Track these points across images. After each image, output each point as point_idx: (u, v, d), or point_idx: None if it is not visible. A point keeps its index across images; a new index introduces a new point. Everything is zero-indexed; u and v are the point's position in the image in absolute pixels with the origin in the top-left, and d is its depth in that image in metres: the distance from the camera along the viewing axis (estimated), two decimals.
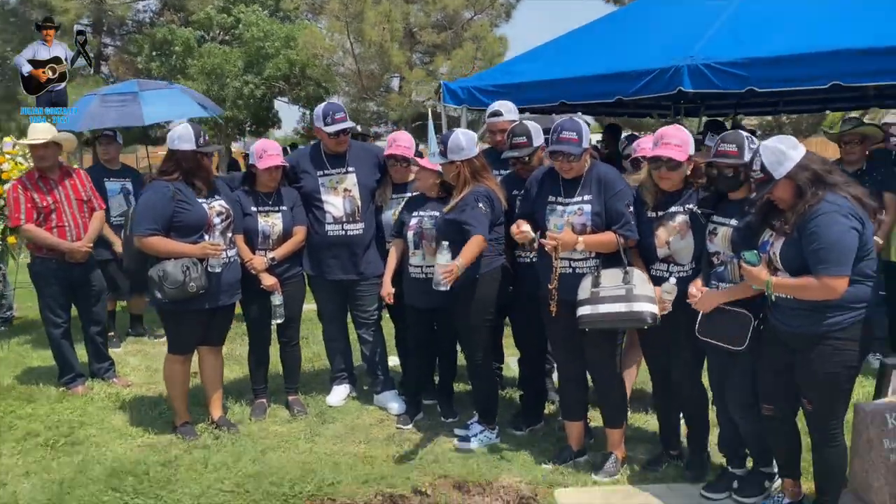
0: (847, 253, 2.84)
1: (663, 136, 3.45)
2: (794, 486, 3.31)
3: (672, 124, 3.61)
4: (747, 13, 5.96)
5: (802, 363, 3.05)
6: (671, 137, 3.43)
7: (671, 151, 3.41)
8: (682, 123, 6.07)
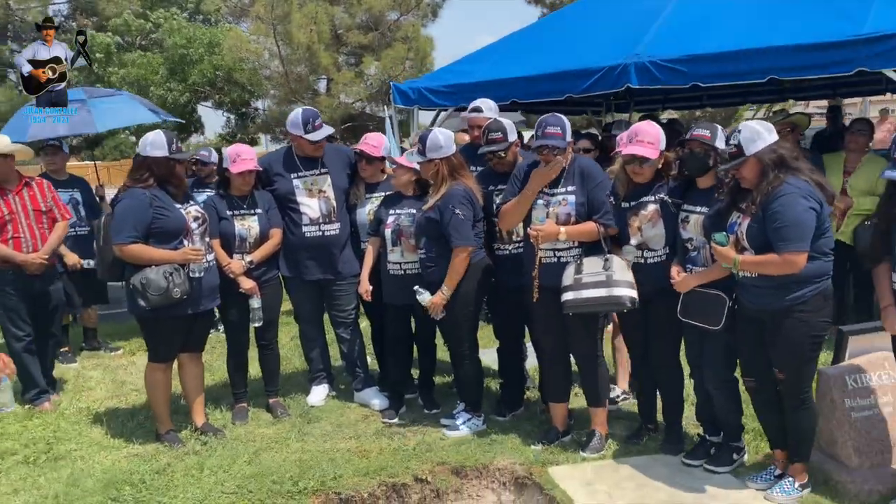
0: (806, 231, 3.13)
1: (637, 133, 3.68)
2: (784, 457, 3.56)
3: (644, 120, 3.85)
4: (685, 12, 6.34)
5: (771, 336, 3.34)
6: (645, 135, 3.67)
7: (645, 150, 3.64)
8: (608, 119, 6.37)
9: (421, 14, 17.57)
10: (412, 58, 16.45)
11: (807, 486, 3.43)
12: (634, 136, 3.67)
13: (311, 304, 4.95)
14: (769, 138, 3.25)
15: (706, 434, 3.92)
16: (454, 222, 4.05)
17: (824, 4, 5.61)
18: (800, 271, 3.16)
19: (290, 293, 4.96)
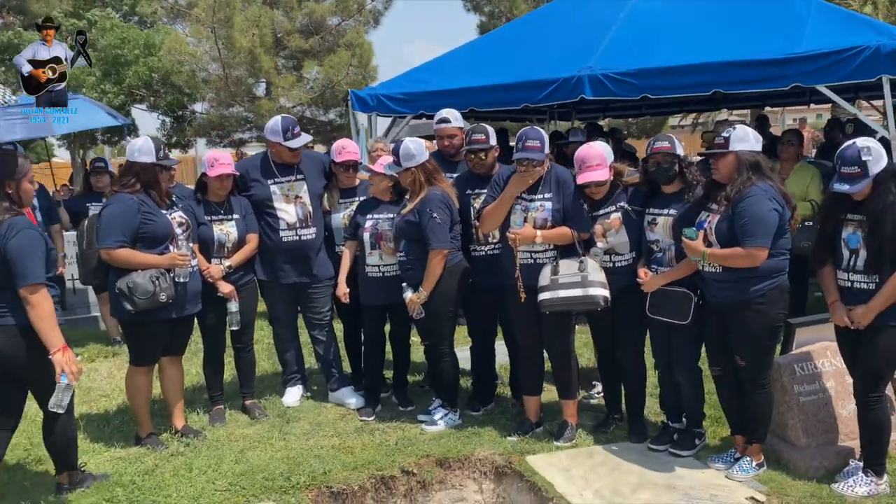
0: (769, 228, 3.49)
1: (584, 160, 3.97)
2: (744, 441, 3.91)
3: (586, 144, 4.15)
4: (633, 27, 6.70)
5: (733, 326, 3.68)
6: (591, 159, 3.96)
7: (596, 173, 3.95)
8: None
9: (363, 20, 17.65)
10: (355, 63, 16.54)
11: (762, 466, 3.77)
12: (583, 164, 3.97)
13: (285, 307, 5.06)
14: (754, 144, 3.61)
15: (669, 421, 4.24)
16: (431, 225, 4.26)
17: (763, 22, 6.07)
18: (760, 266, 3.50)
19: (266, 296, 5.06)
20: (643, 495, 3.64)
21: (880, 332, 3.37)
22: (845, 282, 3.45)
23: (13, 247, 3.33)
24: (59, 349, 3.34)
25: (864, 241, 3.33)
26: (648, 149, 3.95)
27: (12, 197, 3.46)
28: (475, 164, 4.47)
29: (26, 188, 3.62)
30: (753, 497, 3.56)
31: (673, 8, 6.82)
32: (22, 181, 3.58)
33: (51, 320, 3.36)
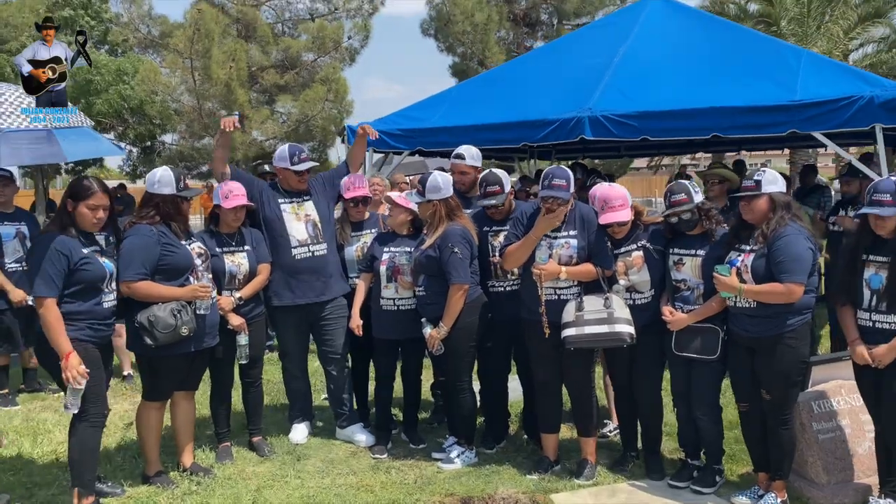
0: (806, 265, 3.60)
1: (608, 201, 4.08)
2: (767, 478, 3.94)
3: (607, 184, 4.24)
4: (627, 71, 6.86)
5: (763, 361, 3.75)
6: (614, 199, 4.08)
7: (619, 215, 4.06)
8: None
9: (339, 57, 17.77)
10: (331, 98, 16.61)
11: (787, 503, 3.81)
12: (605, 204, 4.07)
13: (297, 340, 4.98)
14: (781, 185, 3.73)
15: (688, 458, 4.27)
16: (453, 260, 4.27)
17: (755, 70, 6.30)
18: (797, 301, 3.60)
19: (277, 328, 4.99)
20: None
21: None
22: (867, 321, 3.55)
23: (29, 261, 3.78)
24: (65, 355, 3.58)
25: (887, 281, 3.43)
26: (667, 201, 4.04)
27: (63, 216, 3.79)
28: (493, 214, 4.53)
29: (82, 212, 3.79)
30: None
31: (665, 54, 7.03)
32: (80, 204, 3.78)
33: (55, 329, 3.58)
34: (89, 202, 3.80)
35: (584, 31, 8.48)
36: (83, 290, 3.72)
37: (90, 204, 3.80)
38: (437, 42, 20.18)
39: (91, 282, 3.74)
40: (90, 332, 3.74)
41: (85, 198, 3.79)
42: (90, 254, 3.77)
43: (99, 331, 3.80)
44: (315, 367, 5.63)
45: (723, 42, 7.08)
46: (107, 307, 3.84)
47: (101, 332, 3.81)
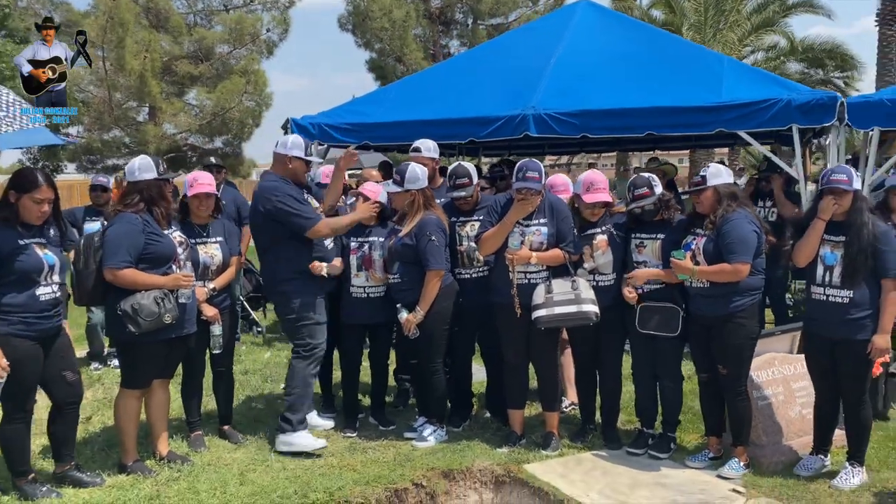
0: (750, 247, 4.04)
1: (593, 183, 4.45)
2: (717, 442, 4.40)
3: (591, 170, 4.60)
4: (566, 71, 7.24)
5: (716, 338, 4.18)
6: (599, 182, 4.46)
7: (604, 196, 4.43)
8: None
9: (257, 49, 17.52)
10: (251, 91, 16.38)
11: (749, 466, 4.25)
12: (592, 185, 4.42)
13: None
14: (727, 178, 4.15)
15: (644, 427, 4.66)
16: (430, 248, 4.50)
17: (683, 73, 6.83)
18: (741, 282, 4.03)
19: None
20: (642, 493, 4.02)
21: (857, 345, 3.92)
22: (821, 296, 4.02)
23: None
24: None
25: (840, 259, 3.91)
26: (630, 194, 4.42)
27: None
28: (461, 205, 4.77)
29: (26, 205, 3.73)
30: (735, 489, 4.03)
31: (598, 56, 7.47)
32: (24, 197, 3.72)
33: None
34: (34, 195, 3.73)
35: (518, 33, 8.86)
36: (17, 282, 3.68)
37: (35, 197, 3.73)
38: (355, 37, 20.22)
39: (25, 273, 3.68)
40: (23, 326, 3.68)
41: (29, 190, 3.72)
42: (27, 245, 3.72)
43: (34, 324, 3.74)
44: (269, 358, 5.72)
45: (650, 46, 7.62)
46: (44, 300, 3.78)
47: (37, 326, 3.75)
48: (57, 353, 3.92)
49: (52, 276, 3.80)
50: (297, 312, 4.52)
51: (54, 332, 3.87)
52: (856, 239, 3.82)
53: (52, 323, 3.83)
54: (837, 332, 3.92)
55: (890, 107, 5.74)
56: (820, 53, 19.80)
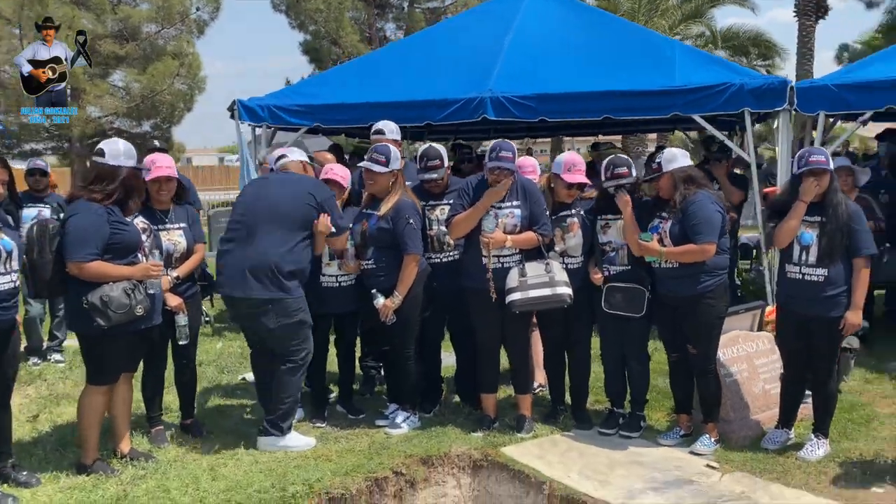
0: (715, 227, 4.12)
1: (574, 164, 4.47)
2: (688, 419, 4.49)
3: (571, 151, 4.61)
4: (520, 54, 7.27)
5: (685, 319, 4.25)
6: (579, 164, 4.50)
7: (582, 177, 4.46)
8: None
9: (187, 29, 16.87)
10: (184, 73, 15.78)
11: (719, 441, 4.35)
12: (573, 167, 4.43)
13: None
14: (682, 162, 4.19)
15: (614, 407, 4.72)
16: (408, 231, 4.42)
17: (637, 58, 6.93)
18: (709, 261, 4.11)
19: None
20: (620, 472, 4.06)
21: (831, 322, 4.03)
22: (797, 274, 4.12)
23: None
24: None
25: (816, 238, 4.02)
26: (607, 173, 4.43)
27: None
28: (432, 188, 4.69)
29: None
30: (709, 465, 4.12)
31: (550, 40, 7.51)
32: None
33: None
34: None
35: (469, 16, 8.80)
36: None
37: None
38: (289, 19, 19.76)
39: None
40: None
41: None
42: None
43: None
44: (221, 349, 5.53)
45: (601, 30, 7.69)
46: (3, 289, 3.61)
47: None
48: (11, 348, 3.69)
49: (10, 262, 3.57)
50: (301, 315, 4.27)
51: (10, 325, 3.63)
52: (833, 218, 3.93)
53: (10, 315, 3.60)
54: (812, 310, 4.04)
55: (836, 91, 5.96)
56: (744, 42, 20.45)
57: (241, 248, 4.22)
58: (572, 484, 3.93)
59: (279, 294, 4.14)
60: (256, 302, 4.15)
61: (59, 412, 5.09)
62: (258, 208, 4.30)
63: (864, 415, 4.78)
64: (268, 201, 4.31)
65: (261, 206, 4.31)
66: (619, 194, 4.36)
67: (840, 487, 3.82)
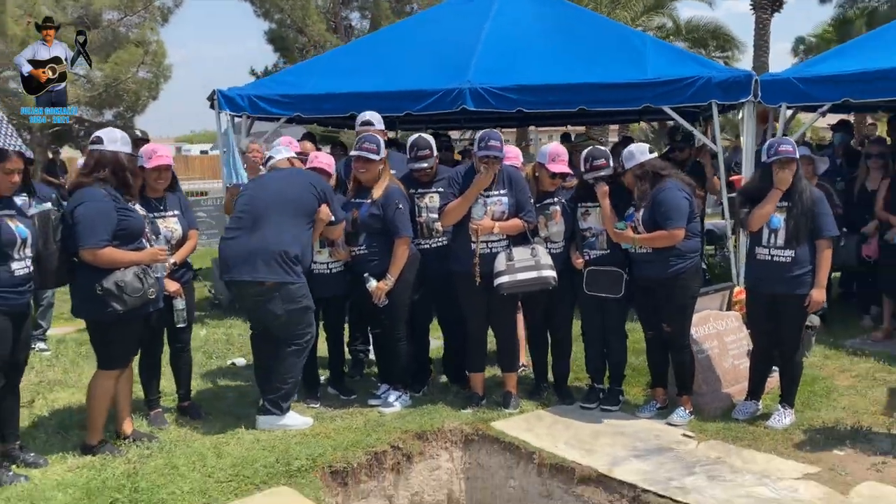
0: (684, 213, 4.40)
1: (558, 155, 4.73)
2: (663, 393, 4.78)
3: (555, 143, 4.85)
4: (497, 47, 7.48)
5: (661, 299, 4.54)
6: (562, 154, 4.75)
7: (565, 167, 4.71)
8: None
9: (150, 17, 16.67)
10: (149, 62, 15.62)
11: (693, 413, 4.65)
12: (557, 157, 4.68)
13: None
14: (640, 158, 4.50)
15: (594, 383, 5.00)
16: (398, 216, 4.61)
17: (609, 51, 7.20)
18: (680, 245, 4.39)
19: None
20: (604, 441, 4.33)
21: (797, 299, 4.33)
22: (766, 256, 4.41)
23: None
24: None
25: (784, 222, 4.32)
26: (587, 164, 4.67)
27: None
28: (421, 176, 4.89)
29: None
30: (686, 434, 4.42)
31: (525, 33, 7.75)
32: None
33: None
34: (5, 166, 3.71)
35: (443, 8, 8.96)
36: None
37: (6, 168, 3.71)
38: (254, 6, 19.62)
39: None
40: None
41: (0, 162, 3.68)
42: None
43: (7, 298, 3.67)
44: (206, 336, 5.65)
45: (574, 24, 7.94)
46: (18, 274, 3.72)
47: (10, 301, 3.69)
48: (24, 333, 3.81)
49: (24, 249, 3.68)
50: (305, 301, 4.43)
51: (24, 309, 3.74)
52: (799, 203, 4.24)
53: (25, 299, 3.72)
54: (780, 288, 4.34)
55: (797, 85, 6.31)
56: (704, 34, 21.00)
57: (246, 235, 4.37)
58: (560, 453, 4.19)
59: (287, 278, 4.30)
60: (264, 286, 4.30)
61: (53, 398, 5.18)
62: (263, 198, 4.47)
63: (824, 387, 5.13)
64: (273, 191, 4.48)
65: (266, 195, 4.48)
66: (597, 185, 4.62)
67: (805, 451, 4.14)
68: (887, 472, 3.83)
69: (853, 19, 24.70)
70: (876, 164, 6.41)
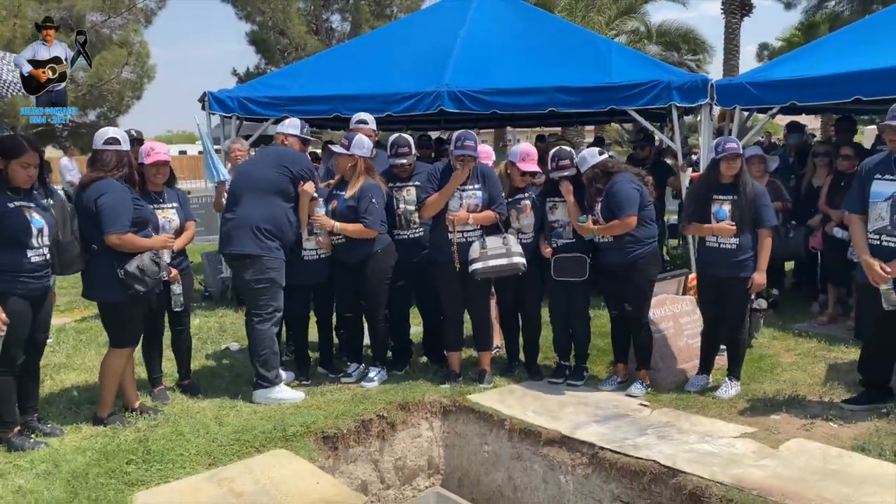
0: (633, 201, 4.89)
1: (529, 154, 5.20)
2: (624, 369, 5.27)
3: (525, 143, 5.32)
4: (471, 52, 7.95)
5: (623, 282, 5.03)
6: (533, 154, 5.23)
7: (535, 166, 5.18)
8: None
9: (134, 18, 16.96)
10: (132, 62, 15.92)
11: (650, 386, 5.14)
12: (527, 157, 5.15)
13: None
14: (591, 161, 5.01)
15: (561, 361, 5.48)
16: (370, 208, 5.07)
17: (576, 55, 7.69)
18: (636, 232, 4.89)
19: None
20: (569, 410, 4.82)
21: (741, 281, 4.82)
22: (713, 244, 4.90)
23: None
24: None
25: (729, 213, 4.81)
26: (553, 164, 5.15)
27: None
28: (400, 173, 5.34)
29: (15, 170, 4.03)
30: (642, 403, 4.91)
31: (499, 38, 8.25)
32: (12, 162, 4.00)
33: None
34: (22, 160, 4.04)
35: (421, 15, 9.42)
36: (8, 244, 3.97)
37: (23, 161, 4.05)
38: (236, 9, 19.95)
39: (15, 235, 3.98)
40: (16, 284, 3.99)
41: (17, 156, 4.03)
42: (16, 208, 4.01)
43: (25, 283, 4.05)
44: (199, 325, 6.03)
45: (545, 30, 8.44)
46: (35, 262, 4.08)
47: (28, 285, 4.06)
48: (43, 314, 4.20)
49: (41, 238, 4.05)
50: (273, 274, 4.90)
51: (44, 291, 4.13)
52: (743, 195, 4.75)
53: (42, 283, 4.09)
54: (726, 272, 4.85)
55: (749, 89, 6.84)
56: (676, 38, 21.61)
57: (230, 213, 4.98)
58: (529, 419, 4.66)
59: (257, 251, 4.83)
60: (237, 256, 4.89)
61: (60, 378, 5.56)
62: (239, 181, 5.12)
63: (769, 363, 5.65)
64: (244, 173, 5.18)
65: (240, 179, 5.14)
66: (562, 183, 5.10)
67: (746, 416, 4.65)
68: (814, 431, 4.35)
69: (819, 24, 25.49)
70: (821, 163, 6.95)
